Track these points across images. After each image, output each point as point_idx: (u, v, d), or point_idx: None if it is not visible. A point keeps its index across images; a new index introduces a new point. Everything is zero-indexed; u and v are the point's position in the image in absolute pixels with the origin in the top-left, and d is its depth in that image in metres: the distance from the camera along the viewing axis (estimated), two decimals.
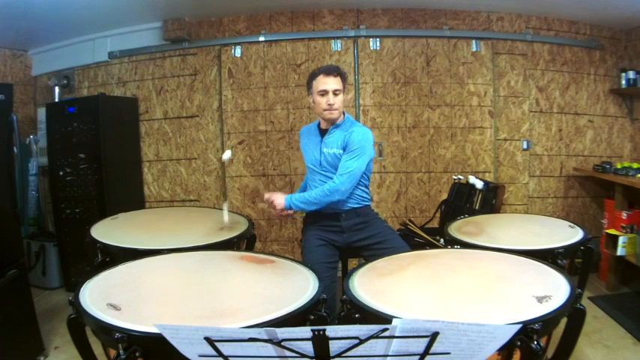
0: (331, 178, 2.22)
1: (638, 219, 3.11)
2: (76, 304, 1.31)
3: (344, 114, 2.30)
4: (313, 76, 2.24)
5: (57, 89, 3.90)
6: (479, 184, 2.99)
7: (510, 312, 1.23)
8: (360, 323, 1.29)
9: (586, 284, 2.26)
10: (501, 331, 0.90)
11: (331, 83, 2.17)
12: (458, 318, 1.21)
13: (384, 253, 2.09)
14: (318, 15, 3.74)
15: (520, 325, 0.97)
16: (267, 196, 2.26)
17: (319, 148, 2.29)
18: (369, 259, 2.08)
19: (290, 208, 2.21)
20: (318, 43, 3.72)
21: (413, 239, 2.60)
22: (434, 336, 0.88)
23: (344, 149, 2.20)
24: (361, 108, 3.73)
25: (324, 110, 2.19)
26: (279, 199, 2.21)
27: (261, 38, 3.73)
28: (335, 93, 2.17)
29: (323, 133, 2.31)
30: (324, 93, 2.17)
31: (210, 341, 0.90)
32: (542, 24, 3.77)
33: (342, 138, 2.21)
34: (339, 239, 2.27)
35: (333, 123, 2.25)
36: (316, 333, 0.86)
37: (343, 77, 2.22)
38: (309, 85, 2.27)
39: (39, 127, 3.93)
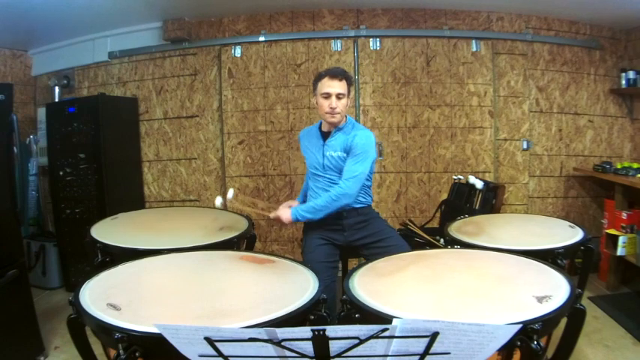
0: (334, 181, 2.23)
1: (638, 219, 3.11)
2: (76, 304, 1.31)
3: (346, 117, 2.29)
4: (319, 77, 2.22)
5: (57, 89, 3.90)
6: (479, 184, 2.99)
7: (510, 312, 1.22)
8: (360, 323, 1.29)
9: (586, 284, 2.26)
10: (501, 331, 0.90)
11: (335, 87, 2.16)
12: (458, 318, 1.21)
13: (384, 251, 2.09)
14: (318, 15, 3.74)
15: (520, 325, 0.97)
16: (272, 216, 2.25)
17: (322, 152, 2.28)
18: (369, 257, 2.08)
19: (297, 220, 2.20)
20: (318, 43, 3.72)
21: (413, 239, 2.60)
22: (434, 336, 0.88)
23: (347, 152, 2.20)
24: (361, 108, 3.73)
25: (326, 113, 2.18)
26: (285, 214, 2.20)
27: (261, 38, 3.73)
28: (338, 97, 2.16)
29: (325, 135, 2.30)
30: (327, 96, 2.16)
31: (210, 341, 0.90)
32: (542, 24, 3.77)
33: (345, 141, 2.21)
34: (339, 238, 2.28)
35: (335, 126, 2.25)
36: (316, 333, 0.86)
37: (349, 81, 2.21)
38: (314, 86, 2.27)
39: (39, 127, 3.93)
